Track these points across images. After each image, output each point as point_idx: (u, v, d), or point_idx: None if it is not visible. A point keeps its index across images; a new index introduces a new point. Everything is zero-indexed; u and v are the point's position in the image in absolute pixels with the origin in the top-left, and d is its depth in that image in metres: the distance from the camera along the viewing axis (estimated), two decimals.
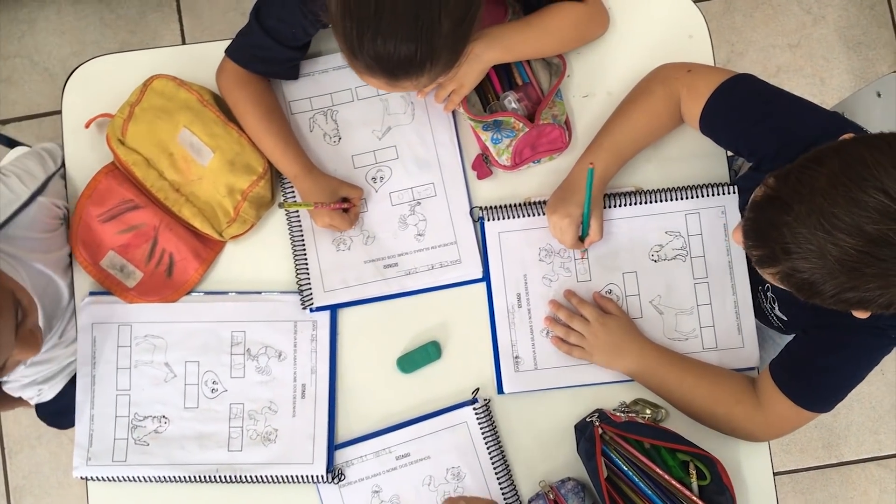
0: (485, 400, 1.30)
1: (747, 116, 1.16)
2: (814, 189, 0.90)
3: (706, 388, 1.23)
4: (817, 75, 2.27)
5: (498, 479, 1.28)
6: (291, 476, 1.28)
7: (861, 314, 0.99)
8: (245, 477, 1.28)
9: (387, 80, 1.08)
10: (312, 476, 1.28)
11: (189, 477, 1.28)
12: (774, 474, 2.09)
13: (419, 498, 1.28)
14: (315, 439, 1.28)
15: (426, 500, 1.28)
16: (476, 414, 1.29)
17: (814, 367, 1.16)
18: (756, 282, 1.29)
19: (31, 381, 1.52)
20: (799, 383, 1.17)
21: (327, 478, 1.28)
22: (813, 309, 1.14)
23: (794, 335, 1.23)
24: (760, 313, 1.31)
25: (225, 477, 1.28)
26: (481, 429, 1.28)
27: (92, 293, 1.34)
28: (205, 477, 1.28)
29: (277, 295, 1.33)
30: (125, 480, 1.29)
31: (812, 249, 0.89)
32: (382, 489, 1.29)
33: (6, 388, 1.49)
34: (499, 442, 1.29)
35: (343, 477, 1.28)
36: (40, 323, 1.25)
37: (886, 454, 2.20)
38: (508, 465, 1.29)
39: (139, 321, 1.32)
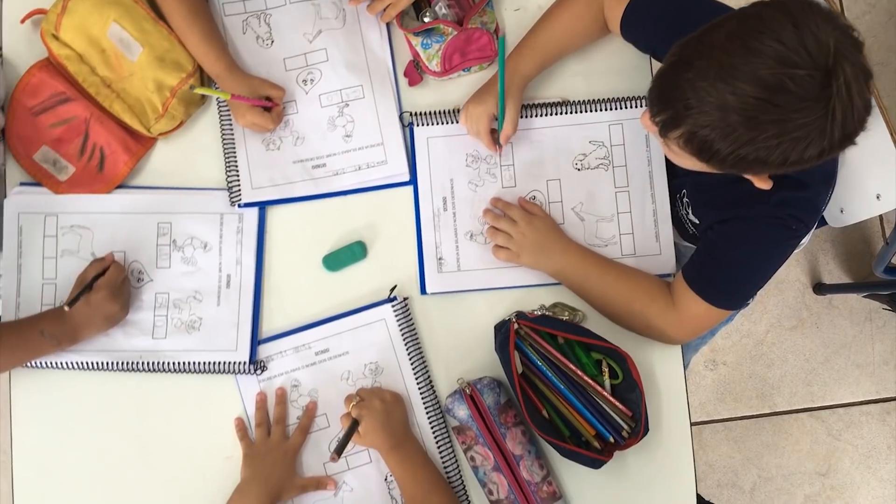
0: (403, 298, 1.32)
1: (665, 18, 1.19)
2: (713, 45, 0.92)
3: (624, 287, 1.27)
4: None
5: (415, 375, 1.30)
6: (214, 363, 1.29)
7: (760, 182, 1.02)
8: (168, 364, 1.29)
9: None
10: (236, 364, 1.29)
11: (113, 364, 1.29)
12: (696, 417, 2.13)
13: (337, 392, 1.30)
14: (239, 327, 1.30)
15: (344, 394, 1.29)
16: (394, 312, 1.31)
17: (719, 263, 1.20)
18: (673, 190, 1.33)
19: None
20: (706, 280, 1.21)
21: (250, 368, 1.29)
22: (717, 205, 1.17)
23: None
24: (679, 223, 1.34)
25: (148, 364, 1.29)
26: (399, 326, 1.30)
27: (22, 184, 1.34)
28: (128, 364, 1.29)
29: (206, 191, 1.34)
30: (50, 367, 1.30)
31: (711, 102, 0.91)
32: (301, 383, 1.30)
33: None
34: (416, 340, 1.31)
35: (265, 368, 1.30)
36: None
37: (818, 405, 2.25)
38: (426, 363, 1.31)
39: (66, 211, 1.33)
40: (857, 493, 2.23)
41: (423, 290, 1.33)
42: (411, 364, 1.30)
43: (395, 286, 1.32)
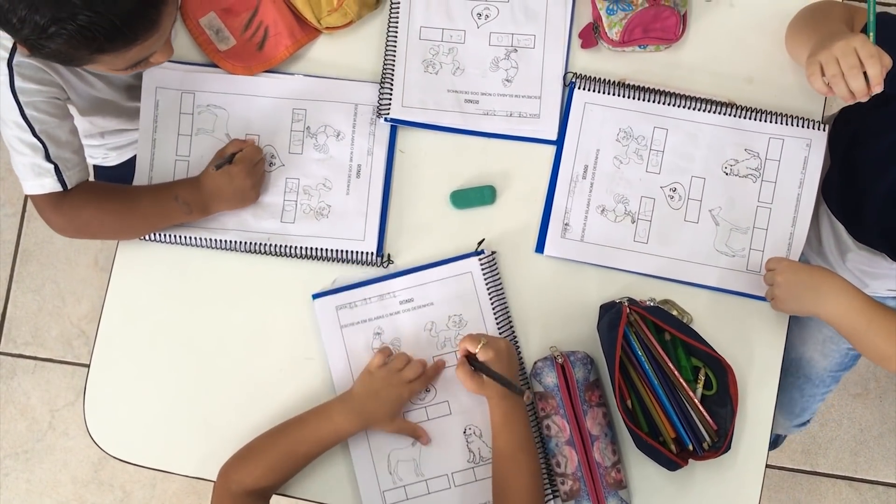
0: (491, 252, 1.31)
1: None
2: None
3: None
4: None
5: (499, 331, 1.28)
6: (341, 251, 1.30)
7: None
8: (296, 249, 1.30)
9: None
10: (363, 254, 1.29)
11: (241, 244, 1.30)
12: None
13: (419, 342, 1.29)
14: (367, 217, 1.30)
15: (426, 345, 1.28)
16: (480, 265, 1.29)
17: None
18: None
19: (102, 144, 1.55)
20: None
21: (377, 259, 1.29)
22: None
23: None
24: None
25: (275, 247, 1.30)
26: (485, 280, 1.29)
27: None
28: (256, 246, 1.30)
29: (341, 81, 1.34)
30: (176, 242, 1.31)
31: None
32: (384, 331, 1.29)
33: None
34: (501, 295, 1.29)
35: (392, 262, 1.30)
36: None
37: (860, 477, 2.21)
38: (511, 319, 1.30)
39: (203, 90, 1.33)
40: None
41: (539, 249, 1.31)
42: (496, 319, 1.29)
43: (482, 240, 1.30)
